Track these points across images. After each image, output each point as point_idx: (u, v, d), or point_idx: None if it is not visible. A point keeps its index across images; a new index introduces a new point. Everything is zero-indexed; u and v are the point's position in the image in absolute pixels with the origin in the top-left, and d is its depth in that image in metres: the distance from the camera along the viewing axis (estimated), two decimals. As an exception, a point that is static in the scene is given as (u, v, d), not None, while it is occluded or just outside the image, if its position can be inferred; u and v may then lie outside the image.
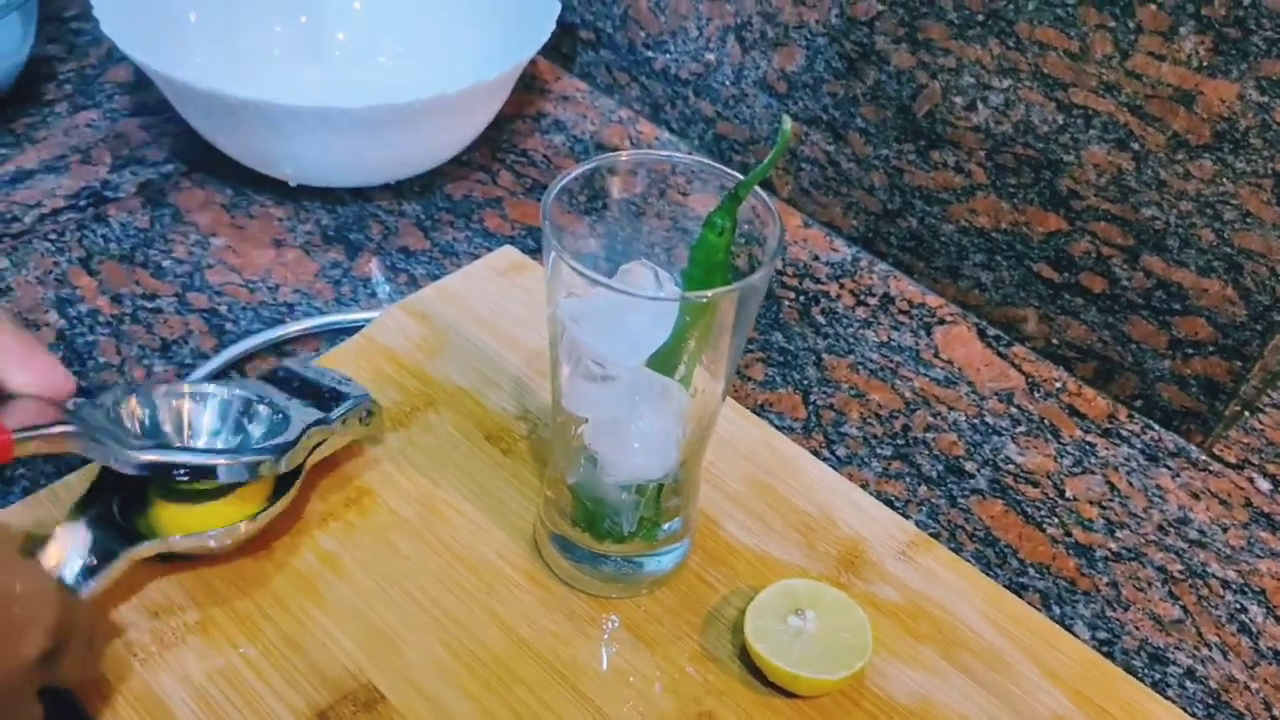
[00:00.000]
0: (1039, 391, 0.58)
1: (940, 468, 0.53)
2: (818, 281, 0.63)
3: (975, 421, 0.56)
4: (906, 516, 0.50)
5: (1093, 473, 0.54)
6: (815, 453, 0.52)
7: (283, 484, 0.44)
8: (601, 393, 0.38)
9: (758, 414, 0.54)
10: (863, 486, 0.51)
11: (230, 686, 0.40)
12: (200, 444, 0.44)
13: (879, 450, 0.54)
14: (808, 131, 0.65)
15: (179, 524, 0.41)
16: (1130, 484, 0.53)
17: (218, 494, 0.42)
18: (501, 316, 0.56)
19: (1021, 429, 0.56)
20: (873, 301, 0.62)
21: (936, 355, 0.60)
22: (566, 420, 0.40)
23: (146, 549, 0.40)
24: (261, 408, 0.45)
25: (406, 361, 0.52)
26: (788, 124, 0.35)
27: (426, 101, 0.56)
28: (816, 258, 0.65)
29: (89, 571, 0.39)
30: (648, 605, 0.44)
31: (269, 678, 0.40)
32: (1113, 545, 0.51)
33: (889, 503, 0.51)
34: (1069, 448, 0.55)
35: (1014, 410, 0.57)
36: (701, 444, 0.42)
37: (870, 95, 0.61)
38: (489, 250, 0.60)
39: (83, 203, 0.62)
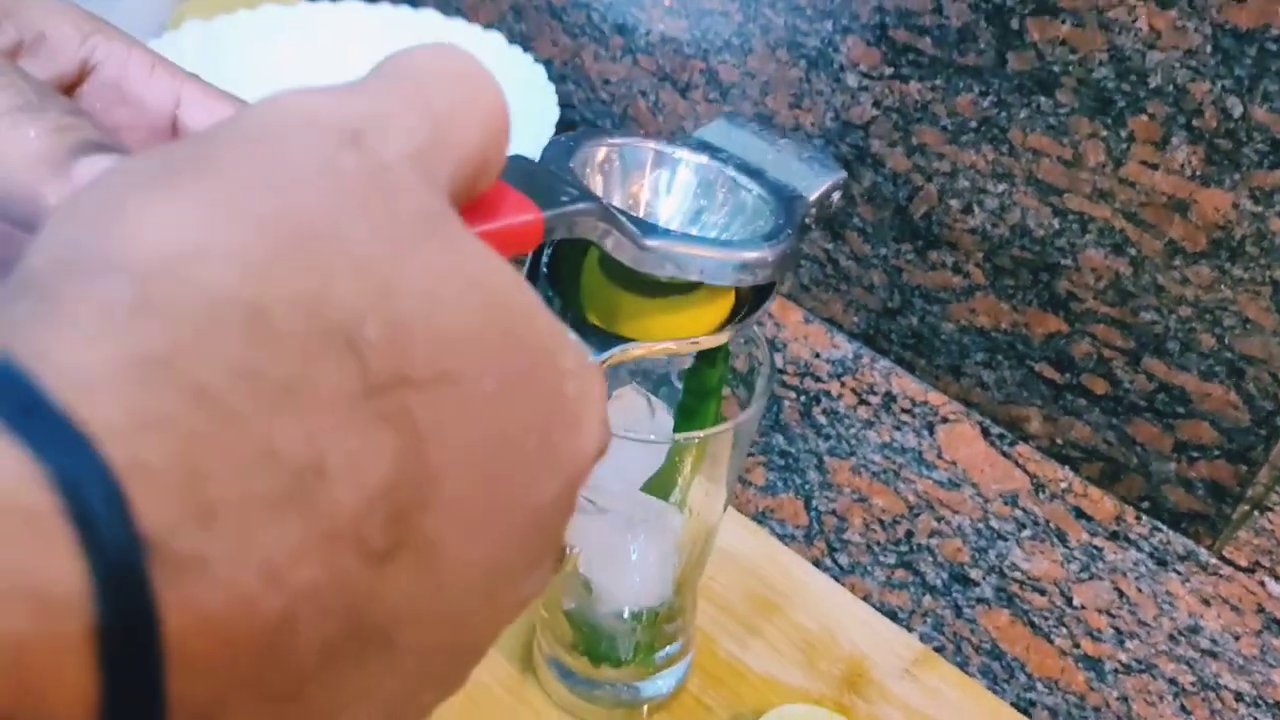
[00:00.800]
0: (1044, 492, 0.57)
1: (945, 576, 0.53)
2: (819, 380, 0.63)
3: (980, 526, 0.55)
4: (910, 629, 0.49)
5: (1100, 579, 0.53)
6: (817, 562, 0.52)
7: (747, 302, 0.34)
8: (594, 523, 0.38)
9: (759, 521, 0.54)
10: (865, 598, 0.50)
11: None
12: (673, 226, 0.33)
13: (882, 558, 0.53)
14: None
15: (639, 317, 0.32)
16: (1139, 590, 0.53)
17: (684, 289, 0.32)
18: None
19: (1027, 533, 0.55)
20: (874, 400, 0.62)
21: (940, 456, 0.59)
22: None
23: (616, 355, 0.30)
24: (724, 180, 0.34)
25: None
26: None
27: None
28: (817, 355, 0.65)
29: None
30: (646, 731, 0.43)
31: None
32: (1123, 656, 0.50)
33: (892, 614, 0.50)
34: (1076, 552, 0.54)
35: (1019, 513, 0.56)
36: (699, 565, 0.42)
37: (867, 196, 0.61)
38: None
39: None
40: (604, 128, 0.33)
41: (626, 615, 0.41)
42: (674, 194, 0.34)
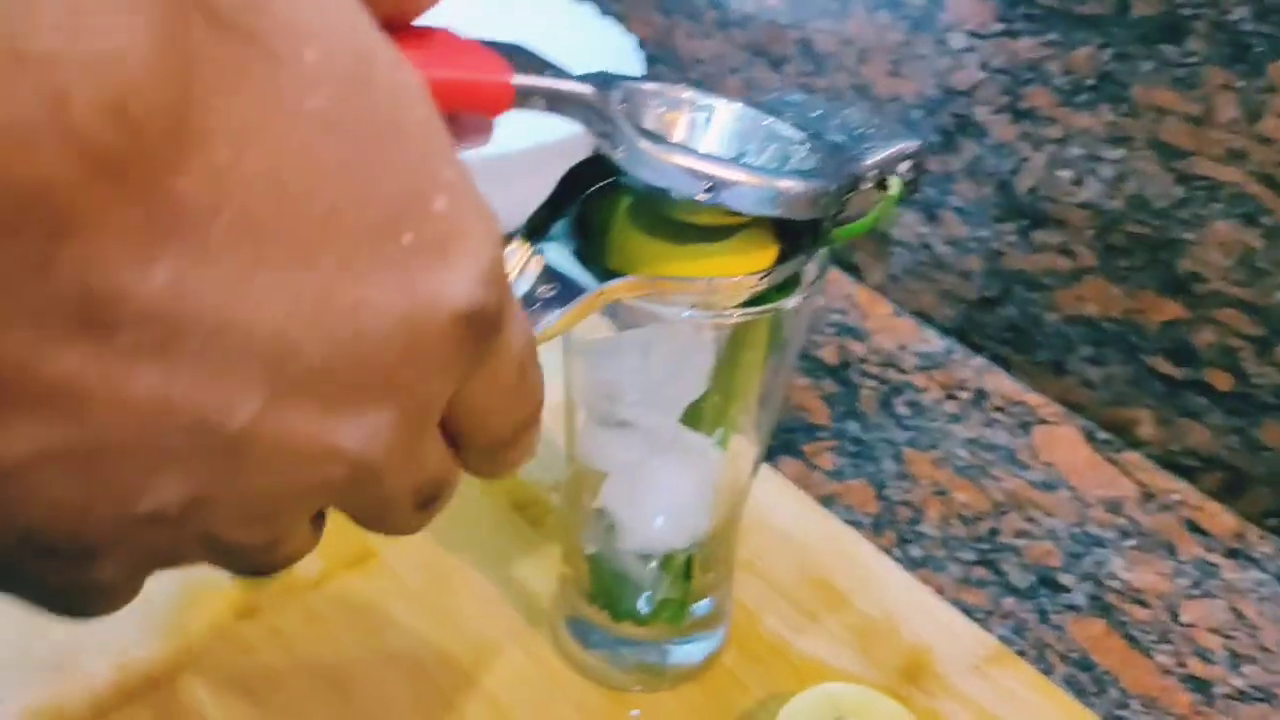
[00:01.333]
0: (1153, 503, 0.51)
1: (1031, 578, 0.46)
2: (903, 372, 0.58)
3: (1075, 530, 0.49)
4: (987, 629, 0.43)
5: (1215, 597, 0.46)
6: (885, 551, 0.46)
7: (790, 249, 0.31)
8: (621, 442, 0.34)
9: (824, 505, 0.48)
10: (937, 592, 0.44)
11: (187, 753, 0.35)
12: None
13: (959, 554, 0.47)
14: (899, 212, 0.60)
15: (663, 262, 0.30)
16: (1261, 613, 0.45)
17: (713, 235, 0.30)
18: (550, 383, 0.52)
19: (1131, 542, 0.48)
20: (964, 396, 0.56)
21: (1035, 456, 0.53)
22: (582, 476, 0.35)
23: (620, 286, 0.29)
24: (775, 137, 0.32)
25: (440, 420, 0.49)
26: (895, 187, 0.31)
27: (490, 159, 0.54)
28: (904, 347, 0.59)
29: (541, 302, 0.28)
30: (670, 704, 0.38)
31: (231, 747, 0.35)
32: (1237, 682, 0.42)
33: (967, 612, 0.44)
34: (1187, 567, 0.47)
35: (1123, 521, 0.49)
36: (734, 515, 0.37)
37: (968, 171, 0.56)
38: (548, 317, 0.57)
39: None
40: (646, 77, 0.32)
41: (653, 560, 0.36)
42: (711, 133, 0.32)
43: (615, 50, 0.67)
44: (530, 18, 0.70)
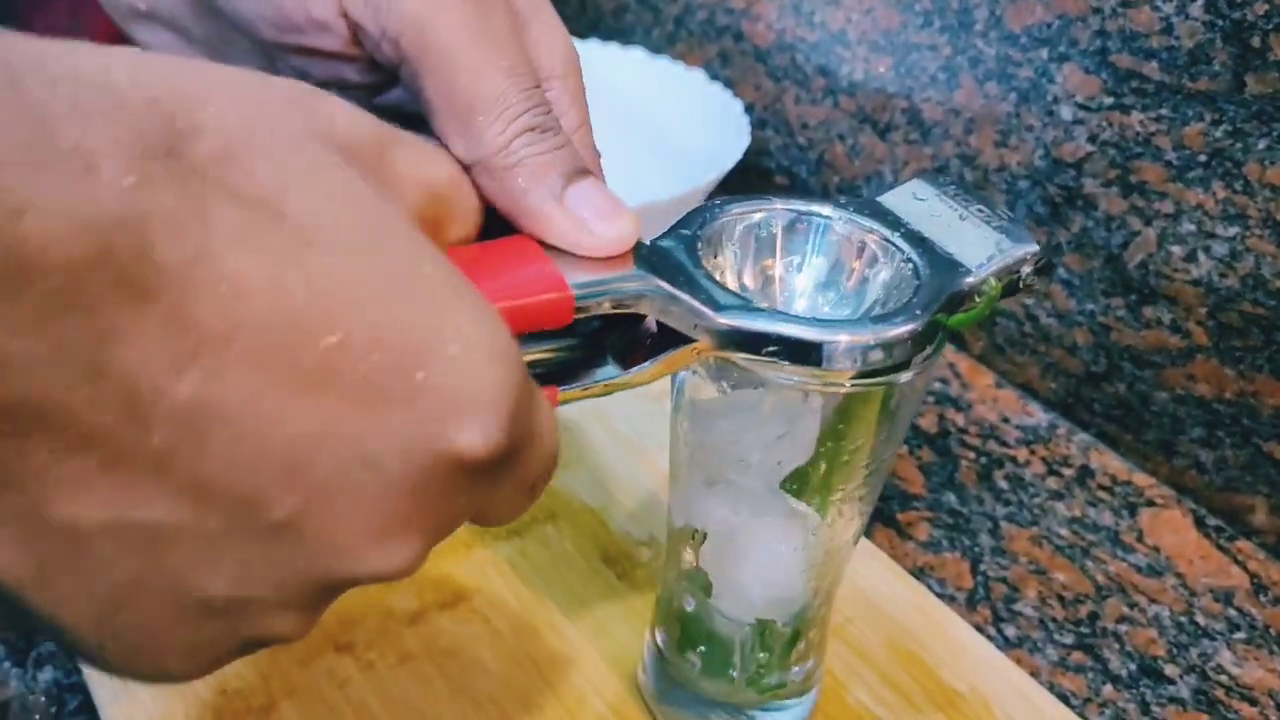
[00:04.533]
0: (1266, 595, 0.49)
1: (1133, 667, 0.45)
2: (1004, 445, 0.57)
3: (1182, 620, 0.47)
4: (1083, 717, 0.42)
5: (1332, 698, 0.44)
6: (979, 628, 0.45)
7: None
8: (720, 500, 0.34)
9: (916, 576, 0.48)
10: (1032, 674, 0.43)
11: (277, 784, 0.36)
12: (801, 301, 0.32)
13: (1058, 637, 0.46)
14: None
15: None
16: (1383, 718, 0.43)
17: None
18: (648, 440, 0.52)
19: (1240, 635, 0.46)
20: (1068, 473, 0.55)
21: (1140, 539, 0.51)
22: (683, 534, 0.36)
23: (709, 346, 0.28)
24: (881, 249, 0.31)
25: (536, 472, 0.50)
26: (992, 289, 0.31)
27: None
28: (1006, 420, 0.58)
29: (647, 347, 0.29)
30: (751, 769, 0.38)
31: (319, 781, 0.36)
32: (1355, 791, 0.40)
33: (1063, 698, 0.43)
34: (1302, 664, 0.45)
35: (1233, 613, 0.48)
36: (830, 586, 0.36)
37: (1075, 243, 0.55)
38: (646, 375, 0.58)
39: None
40: (743, 195, 0.32)
41: (746, 624, 0.36)
42: (807, 257, 0.32)
43: (723, 115, 0.68)
44: (640, 83, 0.72)
